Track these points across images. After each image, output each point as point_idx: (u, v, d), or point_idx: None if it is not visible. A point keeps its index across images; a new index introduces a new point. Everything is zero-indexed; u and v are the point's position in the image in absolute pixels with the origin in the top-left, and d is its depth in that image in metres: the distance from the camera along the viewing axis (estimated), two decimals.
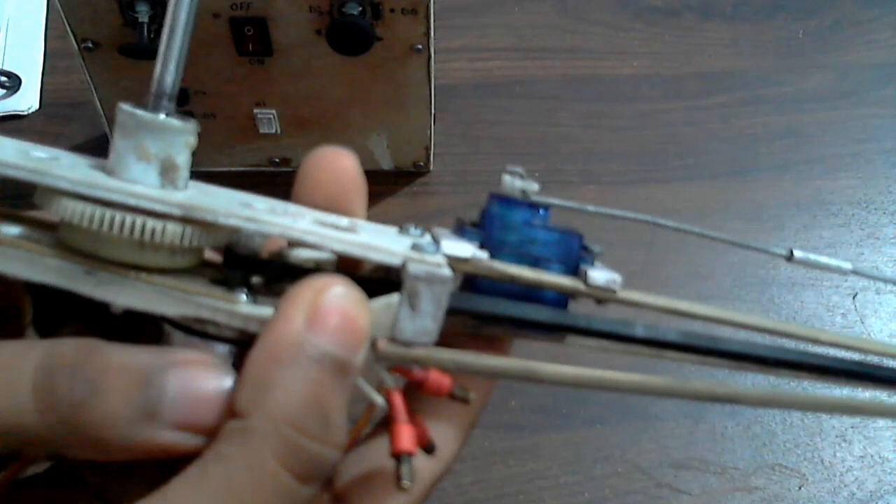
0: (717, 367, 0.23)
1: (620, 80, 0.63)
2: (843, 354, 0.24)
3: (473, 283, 0.22)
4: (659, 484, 0.45)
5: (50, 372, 0.18)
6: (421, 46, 0.48)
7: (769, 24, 0.67)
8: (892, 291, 0.53)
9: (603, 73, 0.63)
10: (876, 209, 0.57)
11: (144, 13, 0.45)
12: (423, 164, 0.56)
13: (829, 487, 0.45)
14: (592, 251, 0.23)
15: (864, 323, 0.51)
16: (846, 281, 0.53)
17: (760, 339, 0.23)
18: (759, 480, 0.45)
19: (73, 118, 0.58)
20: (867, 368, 0.23)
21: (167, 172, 0.20)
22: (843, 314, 0.52)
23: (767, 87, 0.63)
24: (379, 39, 0.47)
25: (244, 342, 0.20)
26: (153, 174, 0.20)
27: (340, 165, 0.24)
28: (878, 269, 0.54)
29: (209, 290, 0.20)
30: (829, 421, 0.47)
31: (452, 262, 0.21)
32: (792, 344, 0.24)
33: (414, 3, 0.45)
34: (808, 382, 0.24)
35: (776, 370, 0.23)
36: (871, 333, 0.51)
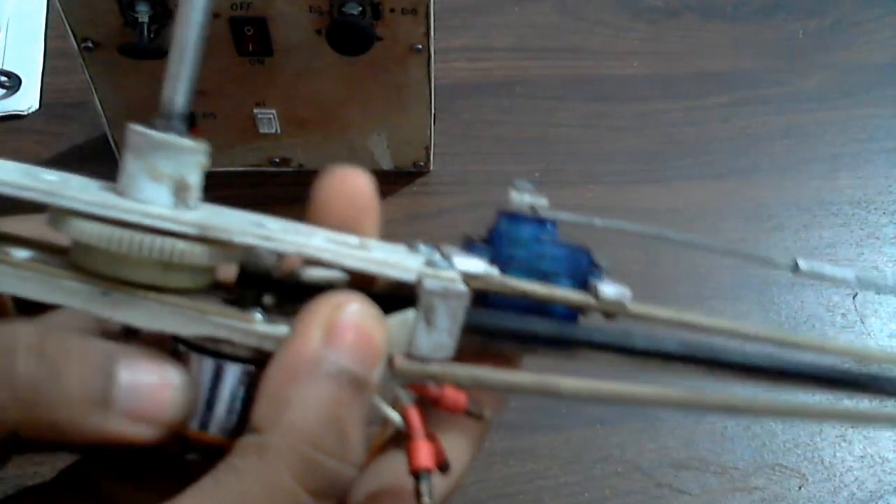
0: (723, 379, 0.23)
1: (620, 80, 0.63)
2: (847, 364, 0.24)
3: (485, 299, 0.22)
4: (659, 484, 0.45)
5: (11, 353, 0.18)
6: (421, 46, 0.48)
7: (769, 24, 0.67)
8: (892, 292, 0.53)
9: (603, 73, 0.63)
10: (876, 209, 0.57)
11: (144, 13, 0.45)
12: (423, 164, 0.56)
13: (829, 487, 0.45)
14: (601, 266, 0.23)
15: (864, 323, 0.51)
16: None
17: (771, 349, 0.23)
18: (759, 480, 0.45)
19: (73, 118, 0.58)
20: (874, 378, 0.23)
21: (180, 192, 0.20)
22: (843, 314, 0.52)
23: (767, 87, 0.63)
24: (379, 39, 0.47)
25: (259, 361, 0.20)
26: (166, 194, 0.20)
27: (356, 186, 0.24)
28: (878, 269, 0.54)
29: (223, 309, 0.20)
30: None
31: (465, 278, 0.21)
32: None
33: (414, 3, 0.45)
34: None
35: (782, 382, 0.23)
36: (871, 333, 0.51)
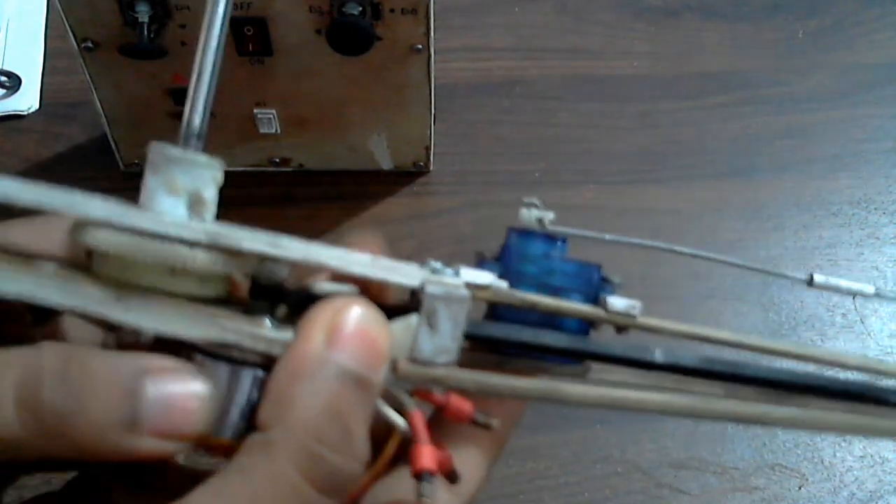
0: (744, 397, 0.23)
1: (620, 80, 0.63)
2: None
3: (495, 312, 0.23)
4: (659, 484, 0.45)
5: (35, 382, 0.18)
6: (421, 46, 0.48)
7: (769, 24, 0.67)
8: (892, 292, 0.53)
9: (603, 73, 0.63)
10: (876, 209, 0.57)
11: (144, 13, 0.45)
12: (423, 164, 0.56)
13: (829, 487, 0.45)
14: (612, 282, 0.23)
15: (864, 323, 0.51)
16: None
17: (783, 364, 0.23)
18: (759, 480, 0.45)
19: (73, 118, 0.58)
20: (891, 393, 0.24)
21: (195, 206, 0.20)
22: (843, 314, 0.52)
23: (767, 87, 0.63)
24: (379, 39, 0.47)
25: (268, 367, 0.20)
26: (182, 207, 0.20)
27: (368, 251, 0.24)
28: (878, 269, 0.54)
29: (234, 315, 0.21)
30: None
31: (472, 289, 0.21)
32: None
33: (414, 3, 0.45)
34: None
35: (802, 397, 0.23)
36: (871, 333, 0.51)
